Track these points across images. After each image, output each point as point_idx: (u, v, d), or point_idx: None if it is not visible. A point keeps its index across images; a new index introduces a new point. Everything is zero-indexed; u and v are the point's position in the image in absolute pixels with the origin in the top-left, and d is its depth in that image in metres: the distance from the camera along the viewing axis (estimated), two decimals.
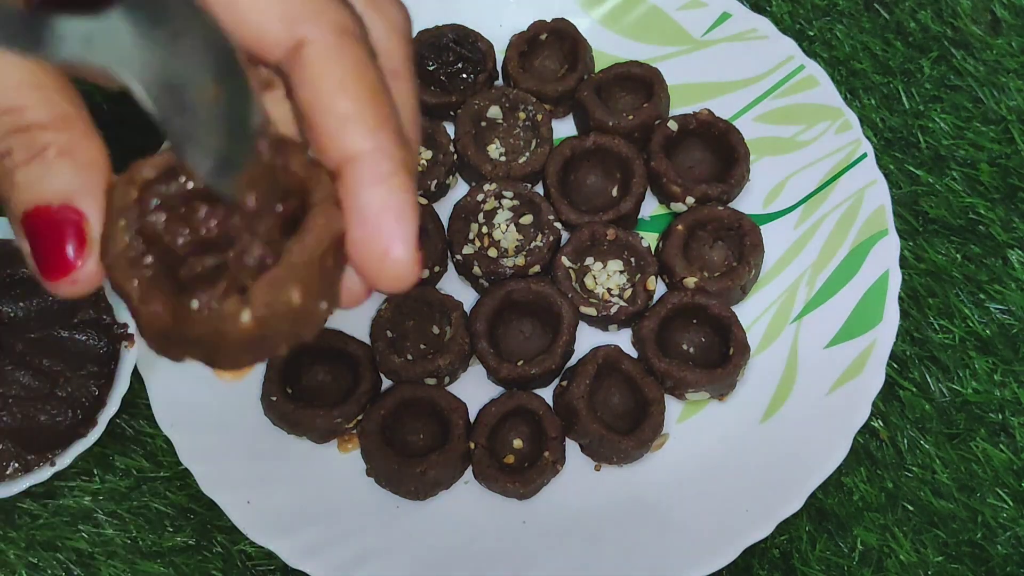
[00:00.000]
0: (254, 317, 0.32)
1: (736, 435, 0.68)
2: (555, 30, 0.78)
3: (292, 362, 0.68)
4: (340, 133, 0.33)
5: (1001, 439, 0.69)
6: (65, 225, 0.32)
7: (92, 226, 0.32)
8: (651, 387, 0.68)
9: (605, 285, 0.72)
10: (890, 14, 0.82)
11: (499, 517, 0.66)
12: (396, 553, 0.64)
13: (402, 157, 0.33)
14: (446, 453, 0.65)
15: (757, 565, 0.66)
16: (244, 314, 0.32)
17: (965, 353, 0.71)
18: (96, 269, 0.33)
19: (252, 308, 0.32)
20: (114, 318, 0.67)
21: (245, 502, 0.64)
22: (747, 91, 0.77)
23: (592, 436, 0.66)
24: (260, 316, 0.32)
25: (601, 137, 0.75)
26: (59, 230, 0.32)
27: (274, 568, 0.65)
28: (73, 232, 0.32)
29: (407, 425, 0.68)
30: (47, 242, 0.32)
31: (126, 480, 0.67)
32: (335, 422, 0.66)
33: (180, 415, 0.66)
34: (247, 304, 0.32)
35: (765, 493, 0.65)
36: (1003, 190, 0.76)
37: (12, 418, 0.64)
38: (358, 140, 0.33)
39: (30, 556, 0.65)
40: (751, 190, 0.75)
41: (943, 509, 0.67)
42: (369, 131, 0.33)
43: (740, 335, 0.69)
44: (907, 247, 0.74)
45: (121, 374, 0.65)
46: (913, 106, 0.79)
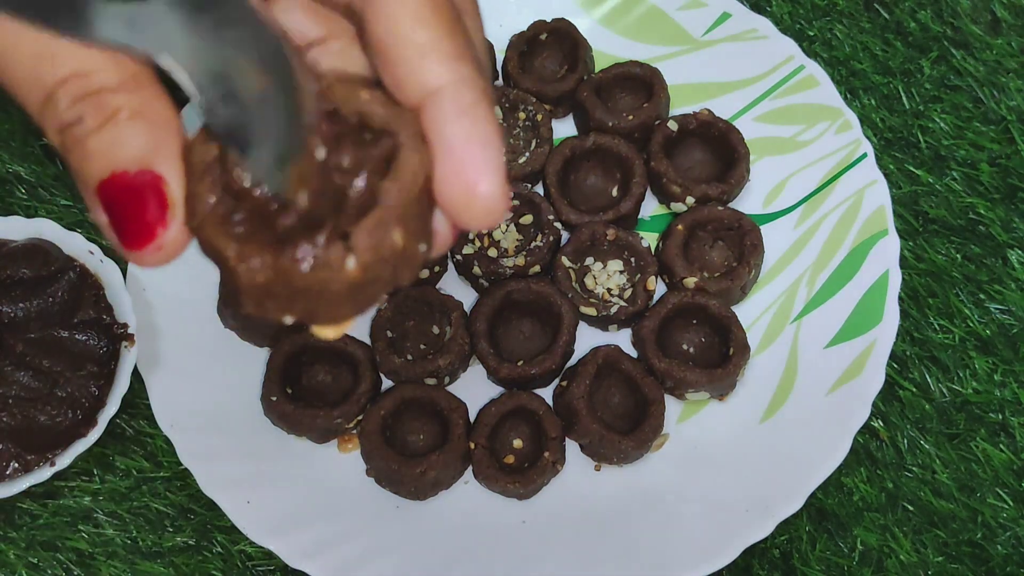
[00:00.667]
0: (359, 263, 0.31)
1: (736, 435, 0.68)
2: (555, 30, 0.78)
3: (292, 362, 0.68)
4: (419, 66, 0.32)
5: (1001, 439, 0.69)
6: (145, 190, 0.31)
7: (172, 188, 0.31)
8: (651, 387, 0.68)
9: (605, 285, 0.72)
10: (890, 14, 0.82)
11: (499, 517, 0.66)
12: (396, 553, 0.64)
13: (483, 86, 0.32)
14: (446, 453, 0.65)
15: (757, 565, 0.66)
16: (349, 260, 0.31)
17: (965, 353, 0.71)
18: (181, 233, 0.31)
19: (357, 253, 0.31)
20: (114, 318, 0.67)
21: (245, 502, 0.64)
22: (747, 91, 0.77)
23: (592, 436, 0.66)
24: (365, 262, 0.31)
25: (601, 137, 0.75)
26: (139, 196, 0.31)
27: (274, 568, 0.65)
28: (154, 196, 0.31)
29: (407, 425, 0.68)
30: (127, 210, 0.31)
31: (126, 480, 0.67)
32: (335, 422, 0.66)
33: (180, 415, 0.66)
34: (351, 250, 0.31)
35: (765, 493, 0.65)
36: (1003, 190, 0.76)
37: (12, 418, 0.64)
38: (438, 71, 0.32)
39: (30, 556, 0.65)
40: (751, 190, 0.75)
41: (943, 509, 0.67)
42: (449, 61, 0.32)
43: (740, 335, 0.69)
44: (907, 247, 0.74)
45: (121, 374, 0.65)
46: (913, 106, 0.79)
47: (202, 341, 0.69)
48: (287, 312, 0.32)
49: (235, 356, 0.70)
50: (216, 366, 0.69)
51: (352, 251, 0.31)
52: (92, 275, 0.68)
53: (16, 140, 0.76)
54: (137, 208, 0.31)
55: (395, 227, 0.31)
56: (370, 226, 0.31)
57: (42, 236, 0.68)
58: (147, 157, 0.31)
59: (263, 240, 0.31)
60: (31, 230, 0.69)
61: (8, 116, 0.76)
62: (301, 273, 0.31)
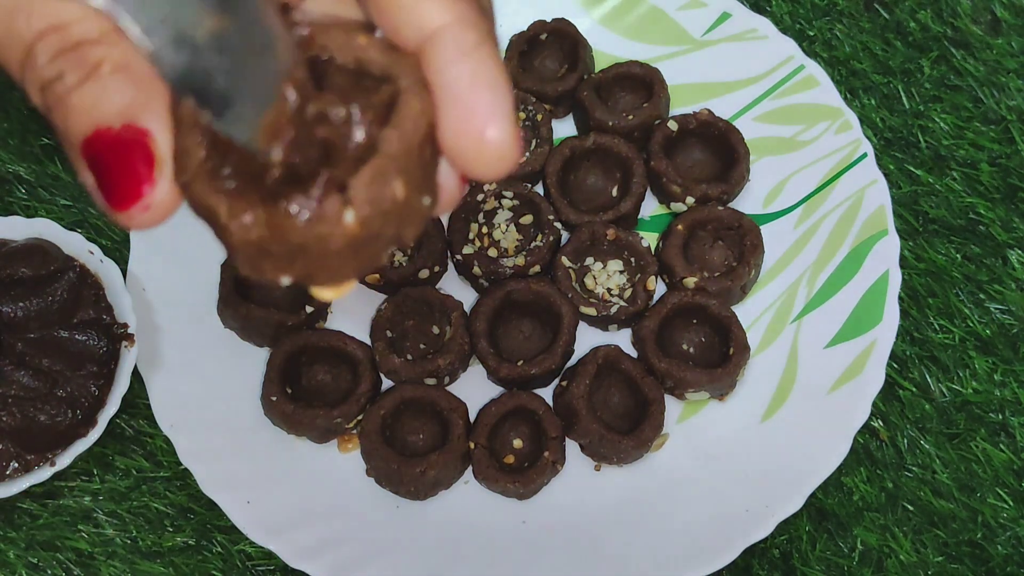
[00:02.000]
0: (358, 216, 0.29)
1: (736, 435, 0.68)
2: (555, 30, 0.78)
3: (292, 362, 0.68)
4: (416, 6, 0.30)
5: (1001, 439, 0.69)
6: (130, 146, 0.29)
7: (159, 144, 0.29)
8: (651, 387, 0.68)
9: (605, 285, 0.72)
10: (890, 14, 0.82)
11: (499, 517, 0.66)
12: (396, 553, 0.64)
13: (486, 26, 0.30)
14: (446, 453, 0.65)
15: (757, 565, 0.66)
16: (347, 214, 0.29)
17: (965, 353, 0.71)
18: (170, 190, 0.30)
19: (355, 206, 0.29)
20: (114, 318, 0.67)
21: (245, 502, 0.64)
22: (747, 91, 0.77)
23: (592, 436, 0.66)
24: (364, 215, 0.29)
25: (601, 137, 0.75)
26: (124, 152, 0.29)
27: (274, 568, 0.65)
28: (140, 152, 0.29)
29: (407, 425, 0.68)
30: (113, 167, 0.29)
31: (126, 480, 0.67)
32: (335, 422, 0.66)
33: (180, 415, 0.66)
34: (349, 203, 0.29)
35: (765, 493, 0.65)
36: (1003, 190, 0.76)
37: (12, 418, 0.64)
38: (436, 12, 0.30)
39: (30, 556, 0.65)
40: (751, 190, 0.75)
41: (943, 509, 0.67)
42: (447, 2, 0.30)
43: (740, 335, 0.69)
44: (907, 247, 0.74)
45: (121, 374, 0.65)
46: (913, 106, 0.79)
47: (202, 341, 0.69)
48: (284, 272, 0.30)
49: (235, 356, 0.70)
50: (216, 366, 0.69)
51: (350, 203, 0.29)
52: (92, 275, 0.68)
53: (16, 140, 0.76)
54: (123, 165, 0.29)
55: (396, 178, 0.29)
56: (369, 176, 0.29)
57: (42, 236, 0.68)
58: (131, 111, 0.29)
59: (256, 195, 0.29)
60: (31, 230, 0.69)
61: (8, 116, 0.76)
62: (297, 228, 0.29)
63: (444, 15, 0.30)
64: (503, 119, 0.30)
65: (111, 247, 0.72)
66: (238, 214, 0.29)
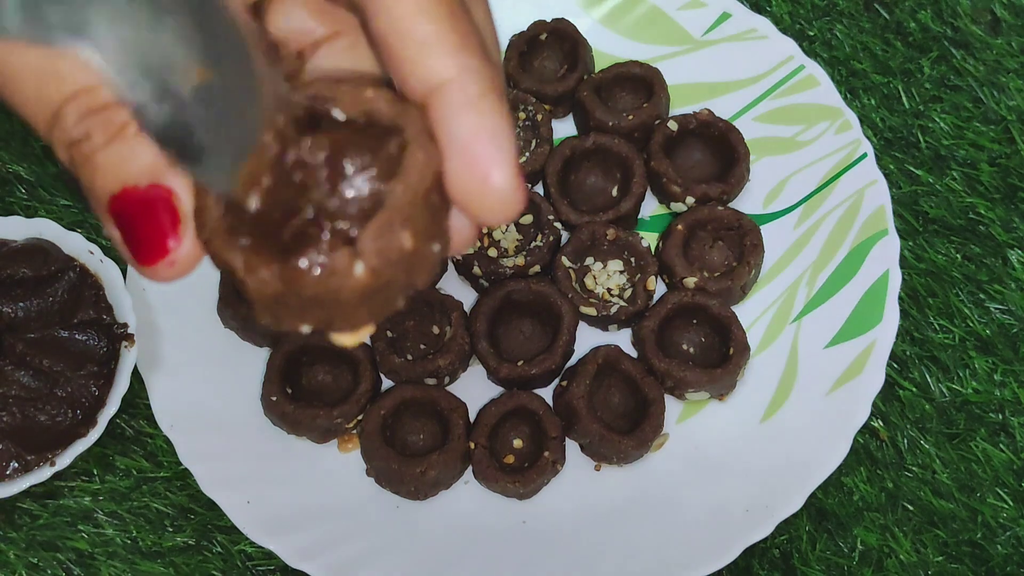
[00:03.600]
0: (367, 267, 0.30)
1: (736, 435, 0.68)
2: (555, 30, 0.78)
3: (292, 362, 0.68)
4: (422, 59, 0.31)
5: (1001, 439, 0.69)
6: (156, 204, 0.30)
7: (184, 201, 0.30)
8: (651, 387, 0.68)
9: (605, 285, 0.72)
10: (890, 14, 0.82)
11: (499, 517, 0.66)
12: (396, 553, 0.64)
13: (490, 76, 0.31)
14: (446, 453, 0.65)
15: (757, 565, 0.66)
16: (357, 266, 0.30)
17: (965, 353, 0.71)
18: (194, 247, 0.31)
19: (364, 258, 0.30)
20: (114, 318, 0.67)
21: (245, 502, 0.64)
22: (747, 91, 0.77)
23: (592, 436, 0.66)
24: (373, 266, 0.30)
25: (601, 137, 0.75)
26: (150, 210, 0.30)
27: (274, 568, 0.65)
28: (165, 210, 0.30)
29: (407, 425, 0.68)
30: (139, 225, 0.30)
31: (126, 480, 0.67)
32: (335, 422, 0.66)
33: (180, 415, 0.66)
34: (358, 255, 0.30)
35: (765, 493, 0.65)
36: (1003, 190, 0.76)
37: (12, 418, 0.64)
38: (443, 64, 0.31)
39: (30, 556, 0.65)
40: (751, 190, 0.75)
41: (943, 509, 0.67)
42: (452, 53, 0.31)
43: (740, 335, 0.69)
44: (907, 247, 0.74)
45: (121, 374, 0.65)
46: (913, 106, 0.79)
47: (202, 341, 0.69)
48: (302, 322, 0.32)
49: (235, 356, 0.70)
50: (216, 366, 0.69)
51: (360, 256, 0.30)
52: (92, 275, 0.68)
53: (16, 140, 0.76)
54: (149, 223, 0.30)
55: (403, 228, 0.30)
56: (376, 229, 0.30)
57: (42, 236, 0.68)
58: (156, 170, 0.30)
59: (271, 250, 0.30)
60: (31, 230, 0.69)
61: (8, 116, 0.76)
62: (309, 281, 0.30)
63: (450, 67, 0.31)
64: (506, 166, 0.31)
65: (111, 247, 0.72)
66: (254, 269, 0.30)
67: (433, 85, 0.31)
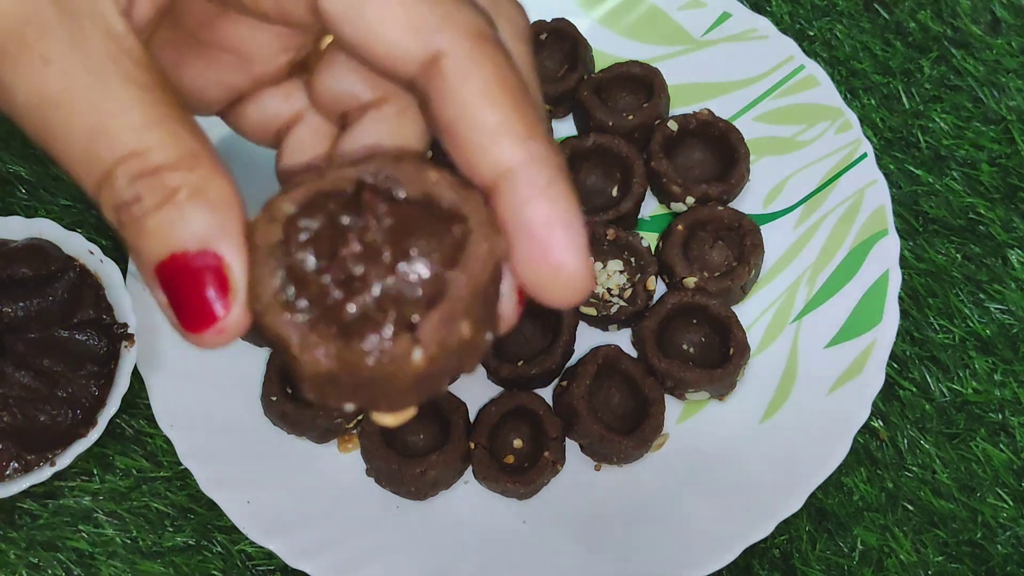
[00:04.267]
0: (426, 355, 0.30)
1: (736, 435, 0.68)
2: (555, 30, 0.78)
3: None
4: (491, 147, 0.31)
5: (1001, 439, 0.69)
6: (205, 272, 0.30)
7: (234, 271, 0.30)
8: (651, 387, 0.68)
9: (605, 285, 0.72)
10: (890, 14, 0.82)
11: (499, 517, 0.66)
12: (396, 553, 0.64)
13: (556, 162, 0.31)
14: (446, 453, 0.65)
15: (757, 565, 0.66)
16: (416, 353, 0.30)
17: (965, 353, 0.71)
18: (243, 315, 0.30)
19: (423, 346, 0.30)
20: (114, 318, 0.67)
21: (245, 502, 0.64)
22: (747, 91, 0.77)
23: (592, 436, 0.66)
24: (432, 354, 0.30)
25: (601, 137, 0.75)
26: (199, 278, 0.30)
27: (274, 568, 0.65)
28: (215, 279, 0.30)
29: (407, 425, 0.68)
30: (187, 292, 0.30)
31: (126, 480, 0.67)
32: (335, 422, 0.66)
33: (180, 415, 0.66)
34: (418, 343, 0.30)
35: (765, 493, 0.65)
36: (1003, 190, 0.76)
37: (12, 418, 0.64)
38: (510, 152, 0.31)
39: (30, 556, 0.65)
40: (751, 190, 0.75)
41: (943, 509, 0.67)
42: (520, 141, 0.31)
43: (740, 335, 0.69)
44: (907, 247, 0.74)
45: (121, 374, 0.65)
46: (913, 106, 0.79)
47: None
48: (348, 400, 0.31)
49: (235, 356, 0.69)
50: (216, 366, 0.69)
51: (419, 343, 0.30)
52: (92, 275, 0.68)
53: (16, 140, 0.76)
54: (197, 291, 0.30)
55: (463, 319, 0.30)
56: (438, 319, 0.30)
57: (42, 236, 0.68)
58: (208, 238, 0.30)
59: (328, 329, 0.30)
60: (31, 230, 0.69)
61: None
62: (366, 365, 0.30)
63: (519, 153, 0.30)
64: (578, 254, 0.31)
65: (111, 247, 0.72)
66: (310, 348, 0.30)
67: (500, 171, 0.31)
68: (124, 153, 0.29)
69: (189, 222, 0.29)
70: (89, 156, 0.30)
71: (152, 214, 0.29)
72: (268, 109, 0.38)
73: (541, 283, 0.31)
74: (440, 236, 0.31)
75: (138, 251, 0.30)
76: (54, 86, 0.29)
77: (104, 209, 0.30)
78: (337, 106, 0.36)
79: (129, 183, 0.29)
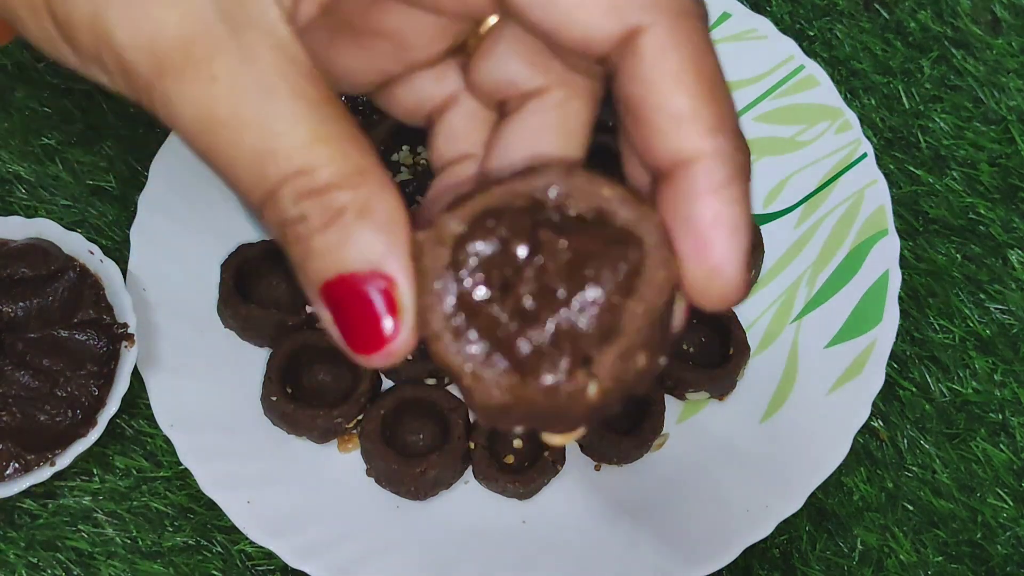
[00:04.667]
0: (601, 389, 0.29)
1: (736, 435, 0.68)
2: None
3: (292, 362, 0.68)
4: (674, 133, 0.30)
5: (1001, 439, 0.69)
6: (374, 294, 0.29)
7: (402, 293, 0.29)
8: (651, 387, 0.68)
9: None
10: (890, 14, 0.82)
11: (499, 517, 0.66)
12: (396, 553, 0.64)
13: (741, 162, 0.30)
14: (446, 453, 0.65)
15: (757, 565, 0.66)
16: (591, 388, 0.29)
17: (965, 353, 0.71)
18: (411, 338, 0.30)
19: (599, 381, 0.29)
20: (114, 318, 0.67)
21: (245, 502, 0.64)
22: (747, 91, 0.77)
23: (592, 436, 0.66)
24: (607, 388, 0.29)
25: (601, 137, 0.74)
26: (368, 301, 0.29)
27: (274, 568, 0.65)
28: (384, 301, 0.29)
29: (407, 425, 0.68)
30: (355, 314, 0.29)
31: (126, 480, 0.67)
32: (335, 422, 0.66)
33: (180, 415, 0.66)
34: (594, 378, 0.29)
35: (765, 493, 0.65)
36: (1003, 190, 0.76)
37: (12, 418, 0.64)
38: (694, 142, 0.30)
39: (30, 556, 0.65)
40: (751, 190, 0.75)
41: (943, 509, 0.67)
42: (707, 132, 0.30)
43: (740, 335, 0.69)
44: (907, 247, 0.74)
45: (121, 374, 0.65)
46: (913, 106, 0.79)
47: (202, 341, 0.69)
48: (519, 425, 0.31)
49: (235, 356, 0.69)
50: (216, 366, 0.69)
51: (595, 378, 0.29)
52: (92, 275, 0.68)
53: (16, 140, 0.76)
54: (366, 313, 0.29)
55: (640, 352, 0.30)
56: (615, 356, 0.29)
57: (42, 236, 0.68)
58: (377, 260, 0.29)
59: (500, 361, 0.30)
60: (31, 230, 0.69)
61: (8, 116, 0.76)
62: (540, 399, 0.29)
63: (703, 144, 0.30)
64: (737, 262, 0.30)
65: (111, 247, 0.72)
66: (483, 381, 0.29)
67: (680, 160, 0.30)
68: (290, 172, 0.29)
69: (357, 243, 0.29)
70: (255, 175, 0.29)
71: (318, 234, 0.29)
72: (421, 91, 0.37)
73: (694, 283, 0.30)
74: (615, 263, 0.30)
75: (304, 270, 0.30)
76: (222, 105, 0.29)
77: (269, 228, 0.30)
78: (496, 93, 0.35)
79: (295, 202, 0.29)
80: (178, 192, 0.71)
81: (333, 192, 0.29)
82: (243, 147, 0.29)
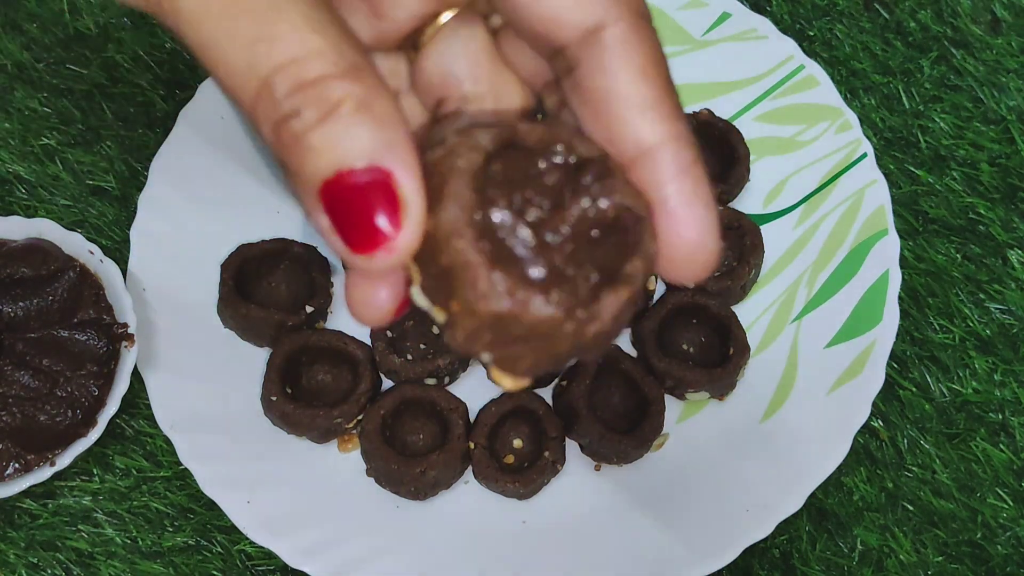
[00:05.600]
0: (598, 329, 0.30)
1: (736, 435, 0.68)
2: None
3: (292, 362, 0.68)
4: (639, 121, 0.31)
5: (1001, 439, 0.69)
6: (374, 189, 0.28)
7: (405, 187, 0.28)
8: (651, 387, 0.68)
9: None
10: (890, 14, 0.82)
11: (499, 517, 0.66)
12: (396, 553, 0.64)
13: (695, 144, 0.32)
14: (446, 453, 0.65)
15: (757, 565, 0.66)
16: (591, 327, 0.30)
17: (965, 353, 0.71)
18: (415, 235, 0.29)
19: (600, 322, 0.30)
20: (114, 318, 0.67)
21: (245, 502, 0.64)
22: (747, 91, 0.77)
23: (592, 436, 0.66)
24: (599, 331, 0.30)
25: None
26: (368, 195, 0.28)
27: (274, 568, 0.65)
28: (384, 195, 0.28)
29: (407, 425, 0.68)
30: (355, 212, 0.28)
31: (126, 480, 0.67)
32: (335, 422, 0.66)
33: (180, 415, 0.66)
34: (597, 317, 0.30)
35: (765, 493, 0.65)
36: (1003, 190, 0.76)
37: (12, 418, 0.64)
38: (659, 128, 0.31)
39: (30, 556, 0.66)
40: (751, 190, 0.75)
41: (943, 509, 0.67)
42: (667, 119, 0.32)
43: (740, 335, 0.69)
44: (907, 247, 0.74)
45: (121, 374, 0.65)
46: (913, 106, 0.79)
47: (202, 341, 0.69)
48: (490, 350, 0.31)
49: (235, 356, 0.70)
50: (216, 366, 0.69)
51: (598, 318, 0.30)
52: (92, 275, 0.68)
53: (16, 140, 0.76)
54: (366, 209, 0.28)
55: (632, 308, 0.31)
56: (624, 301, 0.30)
57: (42, 236, 0.68)
58: (375, 153, 0.28)
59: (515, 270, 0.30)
60: (31, 230, 0.69)
61: (8, 116, 0.76)
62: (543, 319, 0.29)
63: (668, 130, 0.32)
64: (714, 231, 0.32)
65: (111, 247, 0.72)
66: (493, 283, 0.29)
67: (644, 148, 0.31)
68: (284, 60, 0.28)
69: (355, 137, 0.28)
70: (249, 65, 0.29)
71: (314, 130, 0.28)
72: None
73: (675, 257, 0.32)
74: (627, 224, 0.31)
75: (299, 171, 0.29)
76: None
77: (262, 128, 0.29)
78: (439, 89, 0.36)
79: (288, 94, 0.28)
80: (178, 192, 0.71)
81: (330, 83, 0.28)
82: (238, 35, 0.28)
